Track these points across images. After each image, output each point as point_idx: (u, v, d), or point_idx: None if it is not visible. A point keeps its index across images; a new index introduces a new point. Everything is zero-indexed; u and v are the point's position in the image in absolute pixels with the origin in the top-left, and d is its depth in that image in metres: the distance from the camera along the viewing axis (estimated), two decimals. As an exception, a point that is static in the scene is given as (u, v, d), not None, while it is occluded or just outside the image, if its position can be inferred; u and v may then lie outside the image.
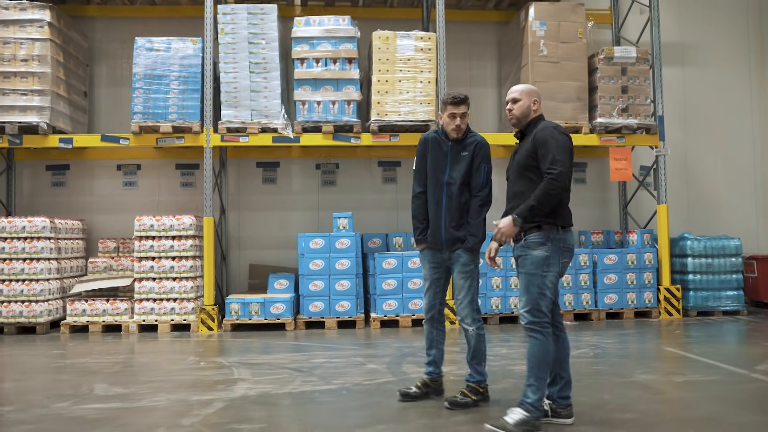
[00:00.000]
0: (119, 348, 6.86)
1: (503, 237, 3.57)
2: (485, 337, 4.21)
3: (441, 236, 4.19)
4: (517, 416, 3.50)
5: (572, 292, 8.15)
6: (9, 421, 4.00)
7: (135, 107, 7.83)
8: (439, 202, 4.20)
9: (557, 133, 3.60)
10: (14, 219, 7.85)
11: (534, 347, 3.56)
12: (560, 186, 3.49)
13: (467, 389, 4.17)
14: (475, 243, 4.13)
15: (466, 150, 4.18)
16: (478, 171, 4.13)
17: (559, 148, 3.54)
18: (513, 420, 3.49)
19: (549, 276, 3.57)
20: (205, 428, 3.79)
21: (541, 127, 3.67)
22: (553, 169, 3.49)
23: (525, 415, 3.50)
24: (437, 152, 4.26)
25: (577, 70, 8.34)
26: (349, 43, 8.05)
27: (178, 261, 7.81)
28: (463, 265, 4.14)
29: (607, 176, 9.62)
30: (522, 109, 3.77)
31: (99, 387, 4.91)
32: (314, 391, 4.67)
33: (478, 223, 4.13)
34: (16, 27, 7.81)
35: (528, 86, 3.88)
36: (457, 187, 4.15)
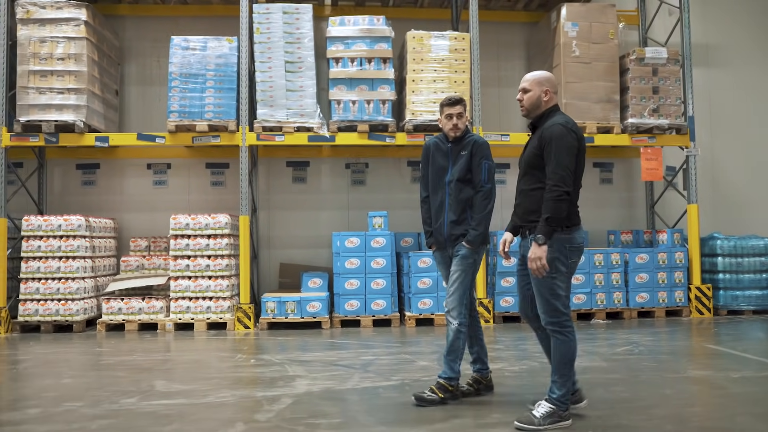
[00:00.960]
0: (161, 346, 6.88)
1: (539, 262, 3.48)
2: (465, 335, 4.19)
3: (444, 232, 4.26)
4: (543, 410, 3.57)
5: (604, 291, 8.20)
6: (84, 416, 4.02)
7: (171, 106, 7.84)
8: (443, 201, 4.28)
9: (564, 132, 3.54)
10: (50, 217, 7.86)
11: (557, 345, 3.61)
12: (563, 191, 3.49)
13: (436, 386, 4.17)
14: (476, 236, 4.14)
15: (464, 149, 4.25)
16: (479, 167, 4.19)
17: (562, 150, 3.51)
18: (540, 413, 3.56)
19: (558, 276, 3.56)
20: (283, 423, 3.82)
21: (549, 123, 3.61)
22: (554, 176, 3.49)
23: (551, 408, 3.57)
24: (439, 155, 4.36)
25: (609, 70, 8.40)
26: (384, 43, 8.10)
27: (214, 259, 7.83)
28: (462, 258, 4.17)
29: (634, 176, 9.72)
30: (531, 101, 3.70)
31: (158, 384, 4.93)
32: (377, 387, 4.70)
33: (482, 218, 4.17)
34: (53, 26, 7.82)
35: (540, 74, 3.77)
36: (458, 185, 4.22)
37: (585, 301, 8.18)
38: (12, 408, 4.26)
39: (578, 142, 3.59)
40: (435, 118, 8.03)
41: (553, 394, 3.60)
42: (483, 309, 7.97)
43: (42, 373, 5.43)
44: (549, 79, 3.74)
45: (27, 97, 7.76)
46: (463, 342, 4.20)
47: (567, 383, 3.60)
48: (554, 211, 3.47)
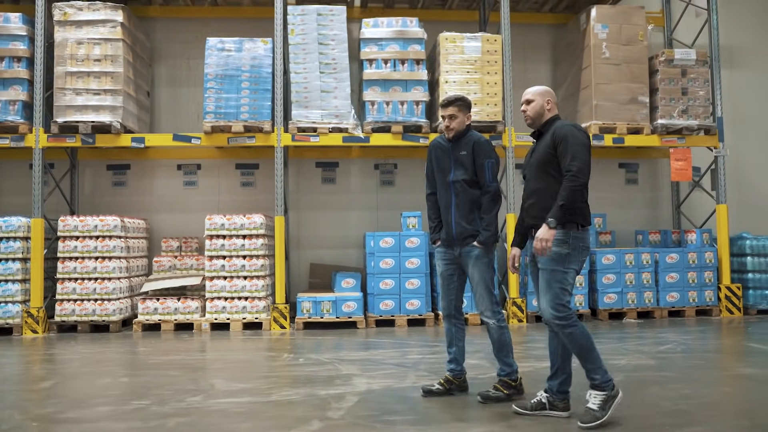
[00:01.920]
0: (203, 345, 6.92)
1: (546, 243, 3.60)
2: (507, 328, 4.25)
3: (452, 232, 4.28)
4: (597, 399, 3.65)
5: (635, 291, 8.28)
6: (157, 414, 4.07)
7: (207, 107, 7.89)
8: (449, 200, 4.31)
9: (576, 131, 3.70)
10: (86, 218, 7.89)
11: (572, 340, 3.67)
12: (582, 182, 3.60)
13: (499, 383, 4.23)
14: (488, 237, 4.18)
15: (464, 149, 4.27)
16: (482, 168, 4.22)
17: (578, 145, 3.64)
18: (596, 404, 3.64)
19: (570, 273, 3.67)
20: (358, 420, 3.87)
21: (559, 125, 3.78)
22: (572, 166, 3.59)
23: (603, 394, 3.65)
24: (441, 155, 4.40)
25: (638, 72, 8.48)
26: (417, 45, 8.16)
27: (249, 260, 7.88)
28: (476, 259, 4.20)
29: (659, 177, 9.80)
30: (535, 110, 3.88)
31: (217, 383, 4.98)
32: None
33: (491, 218, 4.21)
34: (90, 27, 7.86)
35: (541, 87, 3.98)
36: (463, 185, 4.24)
37: (616, 300, 8.25)
38: (82, 406, 4.30)
39: (588, 141, 3.75)
40: (468, 119, 8.11)
41: (595, 381, 3.68)
42: (516, 308, 8.03)
43: (96, 372, 5.47)
44: (549, 91, 3.95)
45: (64, 98, 7.80)
46: (509, 336, 4.25)
47: (601, 365, 3.68)
48: (570, 199, 3.58)
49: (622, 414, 3.89)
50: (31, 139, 7.78)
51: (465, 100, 4.37)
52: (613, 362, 5.52)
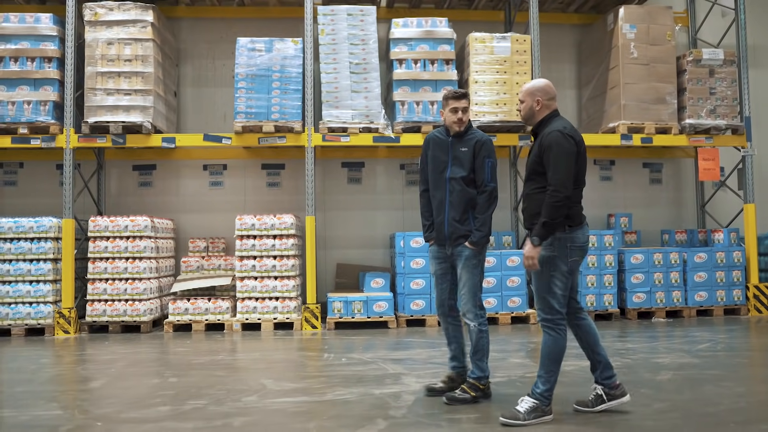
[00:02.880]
0: (239, 345, 6.91)
1: (532, 260, 3.64)
2: (487, 333, 4.23)
3: (444, 231, 4.25)
4: (527, 404, 3.71)
5: (663, 290, 8.29)
6: (218, 414, 4.07)
7: (237, 107, 7.89)
8: (443, 197, 4.26)
9: (562, 139, 3.66)
10: (117, 218, 7.89)
11: (547, 342, 3.74)
12: (562, 196, 3.60)
13: (467, 385, 4.21)
14: (480, 237, 4.15)
15: (465, 146, 4.23)
16: (482, 167, 4.19)
17: (561, 156, 3.63)
18: (524, 408, 3.69)
19: (556, 275, 3.67)
20: (422, 418, 3.87)
21: (548, 131, 3.73)
22: (553, 180, 3.61)
23: (534, 403, 3.70)
24: (438, 150, 4.34)
25: (666, 72, 8.50)
26: (447, 45, 8.17)
27: (280, 260, 7.88)
28: (467, 260, 4.17)
29: (682, 176, 9.82)
30: (525, 110, 3.88)
31: (267, 382, 4.98)
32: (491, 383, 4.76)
33: (485, 219, 4.17)
34: (120, 27, 7.85)
35: (532, 85, 3.93)
36: (460, 183, 4.20)
37: (645, 299, 8.26)
38: (140, 406, 4.30)
39: (577, 146, 3.71)
40: (498, 119, 8.12)
41: (537, 389, 3.73)
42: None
43: (142, 373, 5.47)
44: (541, 88, 3.87)
45: (94, 98, 7.79)
46: (487, 341, 4.23)
47: (551, 379, 3.74)
48: (551, 215, 3.60)
49: (686, 412, 3.92)
50: (61, 140, 7.77)
51: (469, 95, 4.41)
52: (657, 360, 5.55)
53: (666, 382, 4.76)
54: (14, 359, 6.32)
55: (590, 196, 9.54)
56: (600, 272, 8.22)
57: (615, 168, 9.70)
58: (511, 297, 8.04)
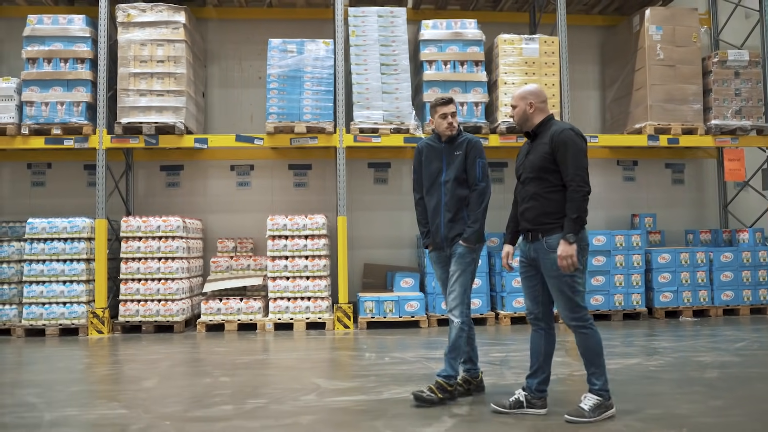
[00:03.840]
0: (278, 345, 6.95)
1: (570, 259, 3.61)
2: (468, 334, 4.26)
3: (441, 233, 4.31)
4: (591, 402, 3.76)
5: (690, 289, 8.36)
6: (282, 412, 4.11)
7: (270, 108, 7.93)
8: (438, 201, 4.33)
9: (575, 136, 3.71)
10: (149, 218, 7.92)
11: (585, 341, 3.78)
12: (586, 190, 3.65)
13: (435, 386, 4.19)
14: (472, 233, 4.19)
15: (458, 149, 4.30)
16: (473, 166, 4.26)
17: (578, 153, 3.68)
18: (588, 406, 3.74)
19: (577, 274, 3.72)
20: (487, 416, 3.93)
21: (558, 129, 3.76)
22: (576, 176, 3.64)
23: (598, 400, 3.75)
24: (432, 156, 4.40)
25: (692, 73, 8.58)
26: (476, 46, 8.23)
27: (312, 260, 7.92)
28: (459, 256, 4.22)
29: (704, 177, 9.90)
30: (519, 115, 3.92)
31: (319, 381, 5.03)
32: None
33: (477, 215, 4.22)
34: (153, 28, 7.89)
35: (524, 89, 3.96)
36: (453, 184, 4.27)
37: (672, 299, 8.34)
38: (202, 405, 4.34)
39: (586, 145, 3.79)
40: (527, 119, 8.18)
41: (594, 386, 3.78)
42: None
43: (191, 372, 5.51)
44: (532, 92, 3.91)
45: (127, 99, 7.83)
46: (465, 341, 4.26)
47: (604, 372, 3.79)
48: (580, 209, 3.64)
49: (745, 409, 3.98)
50: (94, 140, 7.81)
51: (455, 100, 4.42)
52: (697, 359, 5.61)
53: (716, 380, 4.82)
54: (59, 359, 6.36)
55: (613, 196, 9.68)
56: (628, 272, 8.29)
57: (638, 168, 9.77)
58: (541, 296, 8.09)
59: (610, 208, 9.65)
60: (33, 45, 7.84)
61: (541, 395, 3.95)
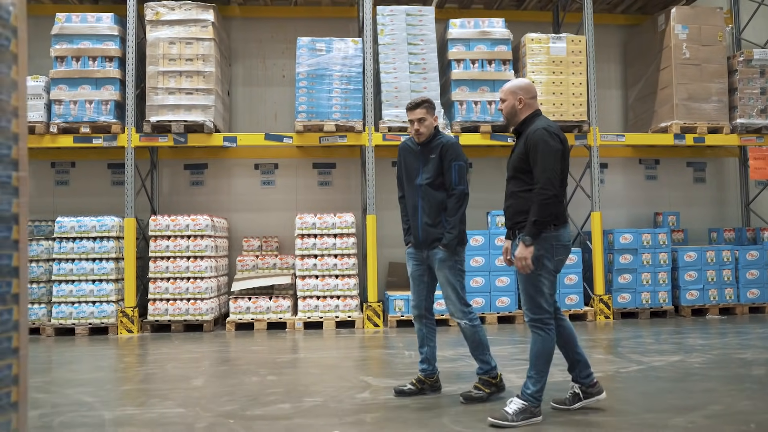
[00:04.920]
0: (312, 344, 6.94)
1: (525, 261, 3.61)
2: (481, 327, 4.28)
3: (418, 236, 4.30)
4: (516, 406, 3.69)
5: (716, 287, 8.40)
6: (342, 410, 4.11)
7: (299, 106, 7.91)
8: (416, 203, 4.31)
9: (548, 136, 3.65)
10: (177, 217, 7.90)
11: (536, 342, 3.73)
12: (551, 194, 3.61)
13: (480, 382, 4.25)
14: (451, 240, 4.18)
15: (433, 152, 4.24)
16: (449, 170, 4.19)
17: (548, 154, 3.62)
18: (512, 410, 3.67)
19: (544, 273, 3.69)
20: (555, 413, 3.93)
21: (532, 129, 3.72)
22: (541, 179, 3.61)
23: (523, 404, 3.69)
24: (410, 157, 4.37)
25: (718, 72, 8.61)
26: (504, 45, 8.24)
27: (341, 258, 7.92)
28: (441, 262, 4.22)
29: (725, 175, 9.94)
30: (507, 109, 3.87)
31: (368, 379, 5.03)
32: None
33: (455, 221, 4.19)
34: (181, 27, 7.86)
35: (513, 83, 3.91)
36: (430, 188, 4.23)
37: (698, 297, 8.37)
38: (260, 403, 4.33)
39: (561, 144, 3.71)
40: (555, 118, 8.19)
41: (527, 390, 3.72)
42: (602, 305, 8.13)
43: (235, 371, 5.49)
44: (522, 87, 3.87)
45: (156, 97, 7.80)
46: (483, 334, 4.28)
47: (542, 380, 3.72)
48: (541, 213, 3.60)
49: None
50: (123, 139, 7.78)
51: (431, 102, 4.33)
52: (739, 356, 5.64)
53: (764, 376, 4.85)
54: (98, 358, 6.34)
55: (635, 195, 9.71)
56: (654, 270, 8.31)
57: (659, 167, 9.80)
58: (569, 294, 8.12)
59: (631, 206, 9.67)
60: (61, 43, 7.80)
61: (590, 381, 3.93)
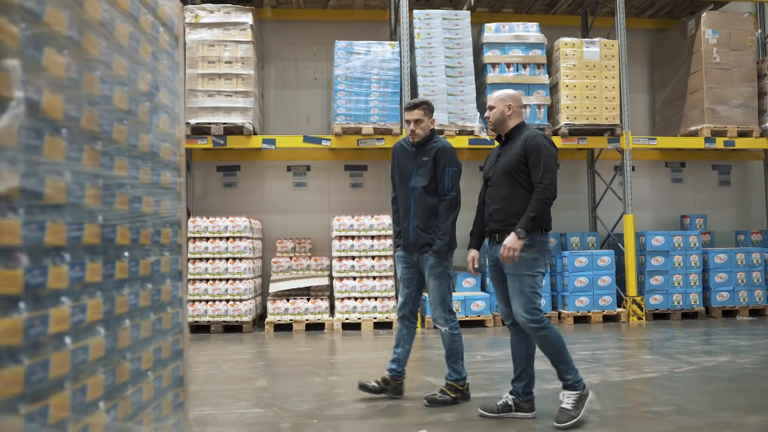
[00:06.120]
0: (357, 344, 7.00)
1: (513, 252, 3.65)
2: (460, 336, 4.30)
3: (410, 239, 4.30)
4: (571, 398, 3.74)
5: (746, 289, 8.52)
6: (422, 410, 4.17)
7: (337, 109, 7.99)
8: (408, 206, 4.31)
9: (547, 143, 3.79)
10: (216, 219, 7.95)
11: (545, 341, 3.76)
12: (552, 195, 3.72)
13: (446, 387, 4.28)
14: (442, 246, 4.19)
15: (427, 155, 4.25)
16: (442, 175, 4.20)
17: (549, 159, 3.74)
18: (570, 404, 3.72)
19: (539, 276, 3.77)
20: (627, 411, 4.02)
21: (531, 134, 3.83)
22: (544, 179, 3.70)
23: (576, 393, 3.75)
24: (404, 159, 4.38)
25: (747, 76, 8.74)
26: (538, 49, 8.34)
27: (378, 260, 7.99)
28: (431, 268, 4.23)
29: (750, 178, 10.07)
30: (496, 116, 3.94)
31: (428, 379, 5.09)
32: (655, 377, 4.93)
33: (446, 227, 4.20)
34: (220, 30, 7.92)
35: (503, 92, 4.01)
36: (423, 192, 4.23)
37: (728, 298, 8.49)
38: (334, 404, 4.39)
39: (556, 153, 3.86)
40: (588, 122, 8.30)
41: (567, 381, 3.78)
42: (635, 306, 8.23)
43: (293, 371, 5.54)
44: (512, 95, 3.98)
45: (195, 99, 7.85)
46: (460, 344, 4.30)
47: (572, 365, 3.78)
48: (541, 211, 3.70)
49: None
50: (163, 141, 7.81)
51: (429, 104, 4.34)
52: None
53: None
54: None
55: (661, 197, 9.82)
56: (686, 272, 8.43)
57: (685, 170, 9.92)
58: (603, 296, 8.21)
59: (658, 209, 9.79)
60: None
61: (528, 398, 3.96)
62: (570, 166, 9.66)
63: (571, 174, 9.70)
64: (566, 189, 9.66)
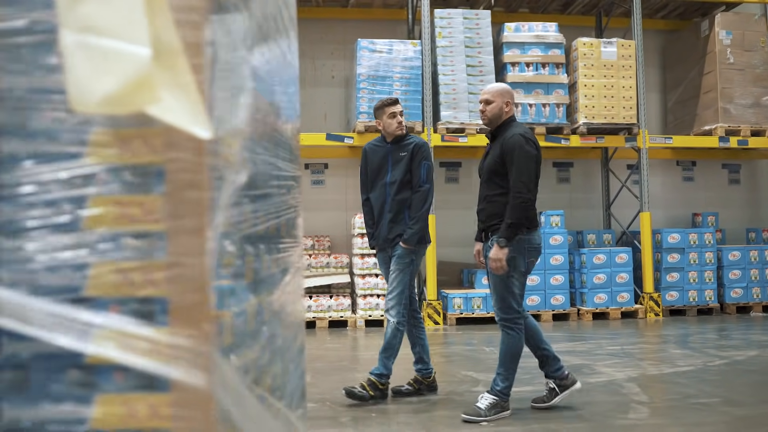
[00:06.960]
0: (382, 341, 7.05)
1: (499, 263, 3.67)
2: (402, 334, 4.29)
3: (384, 233, 4.35)
4: (487, 401, 3.81)
5: (760, 286, 8.69)
6: (469, 404, 4.24)
7: (360, 107, 8.03)
8: (383, 202, 4.36)
9: (524, 142, 3.71)
10: (239, 216, 7.96)
11: (506, 340, 3.83)
12: (527, 198, 3.68)
13: (367, 383, 4.24)
14: (412, 235, 4.22)
15: (404, 150, 4.32)
16: (418, 168, 4.27)
17: (524, 159, 3.68)
18: (484, 404, 3.79)
19: (515, 275, 3.76)
20: (673, 402, 4.11)
21: (509, 134, 3.76)
22: (518, 183, 3.67)
23: (494, 399, 3.80)
24: (377, 158, 4.42)
25: (760, 76, 8.90)
26: (557, 49, 8.44)
27: (400, 257, 8.03)
28: (398, 258, 4.26)
29: (758, 177, 10.25)
30: (494, 111, 3.85)
31: (469, 373, 5.16)
32: (689, 371, 5.03)
33: (418, 218, 4.24)
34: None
35: (500, 86, 3.94)
36: (398, 186, 4.29)
37: (742, 295, 8.64)
38: (404, 401, 4.44)
39: (536, 151, 3.80)
40: (606, 121, 8.42)
41: (496, 386, 3.84)
42: (653, 303, 8.36)
43: (336, 367, 5.60)
44: (509, 90, 3.93)
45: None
46: (400, 341, 4.29)
47: (510, 377, 3.85)
48: (517, 216, 3.67)
49: None
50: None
51: None
52: None
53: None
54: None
55: (672, 196, 9.95)
56: (701, 269, 8.57)
57: (696, 169, 10.08)
58: (621, 293, 8.33)
59: (669, 207, 9.92)
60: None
61: (562, 373, 3.99)
62: (584, 164, 9.78)
63: (585, 173, 9.82)
64: (581, 188, 9.78)
